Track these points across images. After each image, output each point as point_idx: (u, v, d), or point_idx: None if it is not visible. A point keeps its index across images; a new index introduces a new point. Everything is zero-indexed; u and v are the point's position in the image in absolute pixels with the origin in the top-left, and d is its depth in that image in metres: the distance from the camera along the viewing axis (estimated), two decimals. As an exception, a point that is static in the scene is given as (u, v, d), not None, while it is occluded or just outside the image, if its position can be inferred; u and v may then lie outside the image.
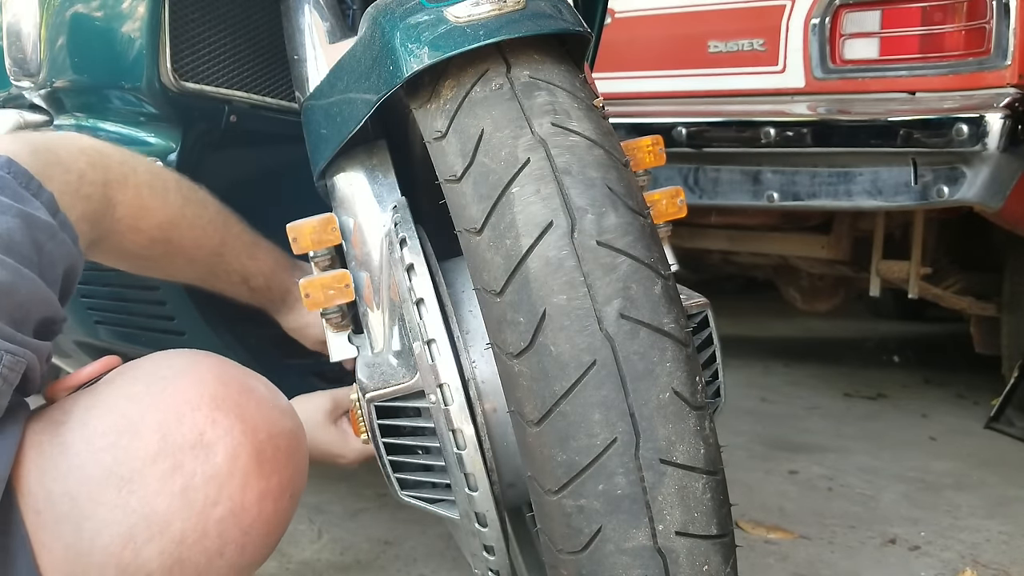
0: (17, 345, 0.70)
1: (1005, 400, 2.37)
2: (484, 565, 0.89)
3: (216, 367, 0.75)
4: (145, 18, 1.09)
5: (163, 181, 1.01)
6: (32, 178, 0.79)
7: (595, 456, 0.69)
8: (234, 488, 0.71)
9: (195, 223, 1.04)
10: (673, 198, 0.98)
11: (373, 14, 0.86)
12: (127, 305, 1.29)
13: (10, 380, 0.69)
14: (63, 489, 0.70)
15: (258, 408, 0.74)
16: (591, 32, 0.89)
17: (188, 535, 0.70)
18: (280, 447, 0.75)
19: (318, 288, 0.93)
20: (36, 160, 0.82)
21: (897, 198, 2.02)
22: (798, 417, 2.49)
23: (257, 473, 0.72)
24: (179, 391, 0.72)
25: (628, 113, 2.42)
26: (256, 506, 0.72)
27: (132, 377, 0.75)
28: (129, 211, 0.96)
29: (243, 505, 0.72)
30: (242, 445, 0.72)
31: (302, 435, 0.80)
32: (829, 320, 3.61)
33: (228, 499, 0.71)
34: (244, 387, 0.75)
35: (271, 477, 0.73)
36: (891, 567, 1.57)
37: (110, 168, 0.93)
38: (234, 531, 0.72)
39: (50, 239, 0.77)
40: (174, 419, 0.71)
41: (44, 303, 0.75)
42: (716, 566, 0.70)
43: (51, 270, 0.77)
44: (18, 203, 0.75)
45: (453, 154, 0.78)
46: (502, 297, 0.73)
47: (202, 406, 0.71)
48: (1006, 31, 1.95)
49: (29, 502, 0.70)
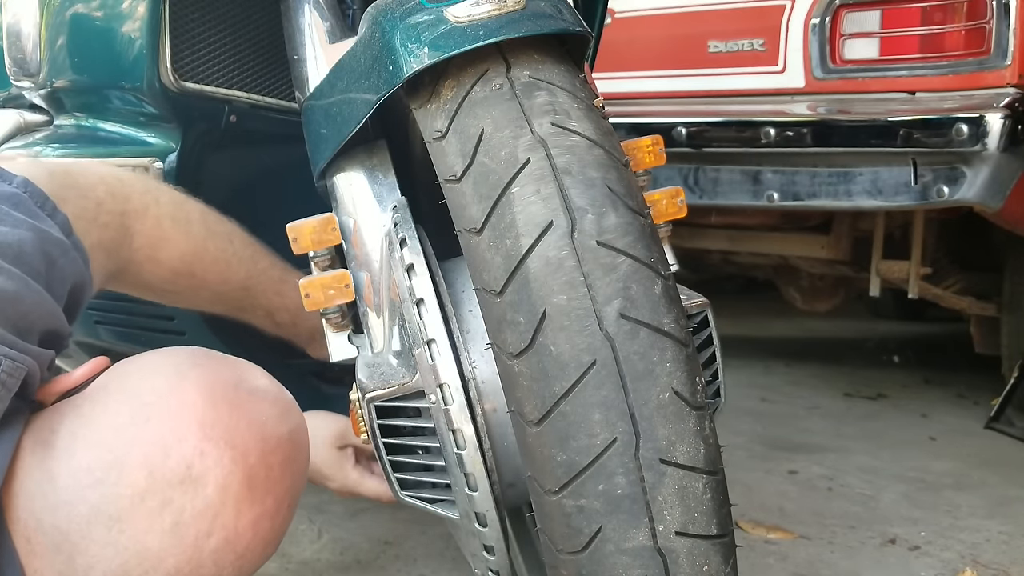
0: (18, 352, 0.69)
1: (1005, 400, 2.37)
2: (484, 565, 0.89)
3: (205, 380, 0.72)
4: (145, 18, 1.09)
5: (186, 212, 1.00)
6: (47, 199, 0.79)
7: (595, 456, 0.69)
8: (227, 518, 0.70)
9: (219, 256, 1.02)
10: (673, 198, 0.98)
11: (373, 14, 0.86)
12: (127, 305, 1.29)
13: (9, 386, 0.69)
14: (53, 522, 0.68)
15: (249, 427, 0.72)
16: (591, 32, 0.89)
17: (183, 568, 0.69)
18: (274, 464, 0.73)
19: (318, 288, 0.93)
20: (52, 182, 0.82)
21: (897, 198, 2.01)
22: (798, 417, 2.49)
23: (250, 499, 0.71)
24: (164, 420, 0.69)
25: (628, 113, 2.42)
26: (251, 530, 0.71)
27: (118, 400, 0.72)
28: (148, 241, 0.95)
29: (237, 533, 0.70)
30: (233, 474, 0.70)
31: (301, 436, 0.79)
32: (829, 320, 3.61)
33: (221, 529, 0.70)
34: (235, 403, 0.72)
35: (265, 499, 0.72)
36: (891, 567, 1.57)
37: (130, 198, 0.92)
38: (230, 557, 0.71)
39: (62, 255, 0.77)
40: (160, 453, 0.68)
41: (50, 315, 0.74)
42: (716, 566, 0.70)
43: (59, 285, 0.76)
44: (32, 219, 0.75)
45: (453, 154, 0.78)
46: (502, 297, 0.73)
47: (189, 436, 0.69)
48: (1006, 31, 1.95)
49: (19, 528, 0.69)
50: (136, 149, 1.19)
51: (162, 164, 1.17)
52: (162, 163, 1.17)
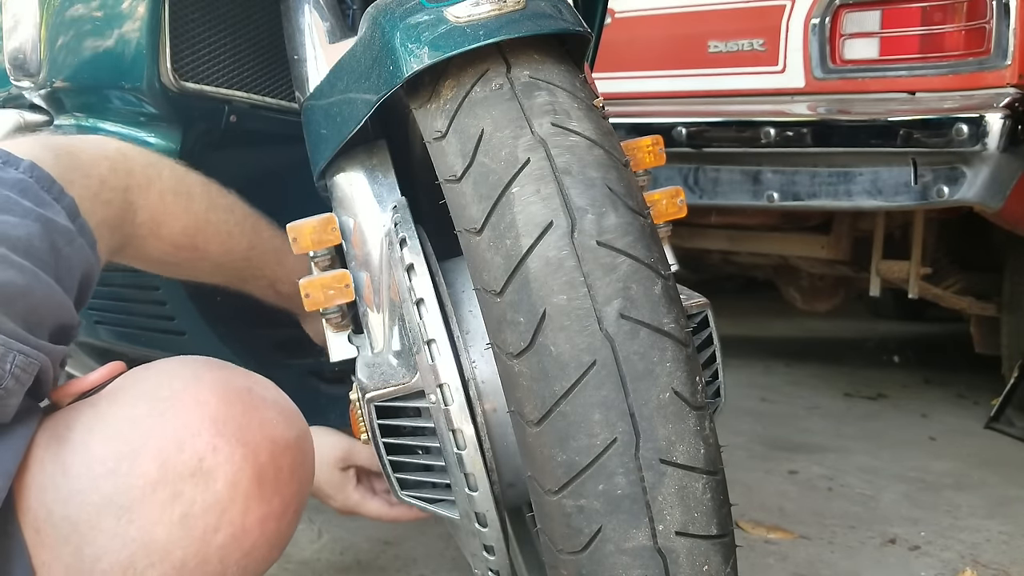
0: (31, 347, 0.70)
1: (1005, 400, 2.37)
2: (484, 565, 0.89)
3: (220, 383, 0.74)
4: (145, 18, 1.09)
5: (188, 186, 1.00)
6: (54, 183, 0.79)
7: (595, 456, 0.69)
8: (235, 514, 0.70)
9: (221, 228, 1.03)
10: (673, 198, 0.98)
11: (373, 14, 0.86)
12: (127, 305, 1.29)
13: (22, 381, 0.69)
14: (63, 513, 0.69)
15: (261, 428, 0.73)
16: (591, 32, 0.89)
17: (189, 562, 0.69)
18: (283, 466, 0.74)
19: (318, 288, 0.93)
20: (58, 164, 0.82)
21: (897, 198, 2.01)
22: (798, 417, 2.49)
23: (259, 497, 0.72)
24: (180, 415, 0.71)
25: (628, 113, 2.42)
26: (258, 528, 0.72)
27: (134, 395, 0.74)
28: (151, 216, 0.95)
29: (244, 529, 0.71)
30: (243, 471, 0.71)
31: (308, 445, 0.79)
32: (829, 320, 3.61)
33: (229, 525, 0.70)
34: (248, 405, 0.74)
35: (272, 499, 0.73)
36: (891, 567, 1.57)
37: (132, 172, 0.92)
38: (236, 554, 0.71)
39: (68, 244, 0.77)
40: (174, 446, 0.70)
41: (60, 308, 0.75)
42: (716, 566, 0.70)
43: (68, 276, 0.76)
44: (39, 207, 0.75)
45: (453, 154, 0.78)
46: (502, 297, 0.73)
47: (202, 431, 0.70)
48: (1006, 31, 1.95)
49: (28, 519, 0.70)
50: (136, 149, 1.19)
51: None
52: None
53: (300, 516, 0.78)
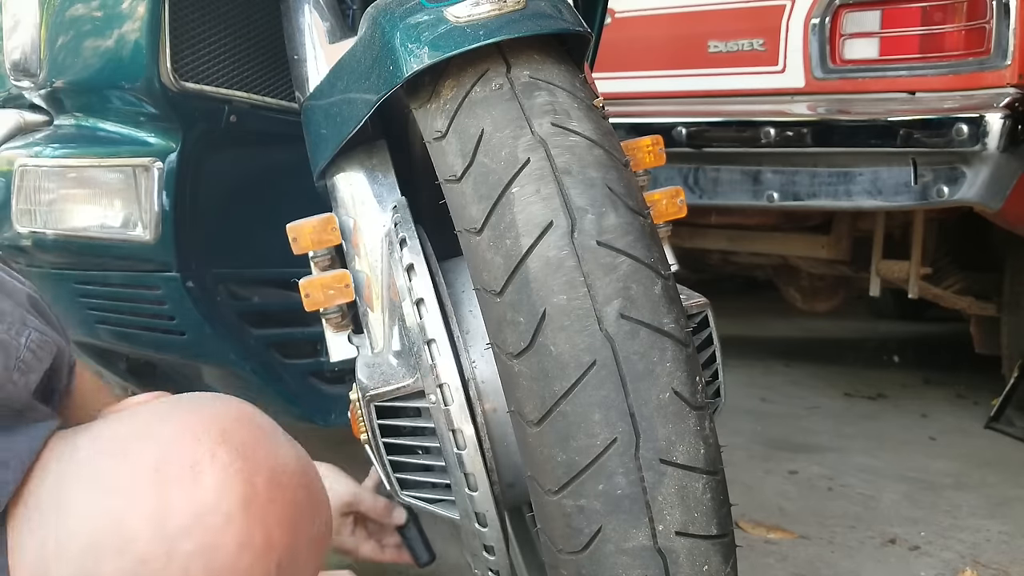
0: (46, 327, 0.71)
1: (1005, 400, 2.37)
2: (484, 565, 0.89)
3: (246, 411, 0.73)
4: (145, 18, 1.09)
5: None
6: None
7: (595, 456, 0.69)
8: (213, 523, 0.66)
9: None
10: (673, 198, 0.98)
11: (373, 14, 0.86)
12: (127, 305, 1.29)
13: (40, 358, 0.69)
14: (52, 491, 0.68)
15: (268, 454, 0.71)
16: (591, 32, 0.89)
17: (151, 559, 0.66)
18: (277, 500, 0.70)
19: (318, 288, 0.93)
20: None
21: (897, 198, 2.02)
22: (798, 417, 2.49)
23: (243, 517, 0.67)
24: (194, 420, 0.71)
25: (628, 113, 2.42)
26: (233, 553, 0.67)
27: (166, 399, 0.75)
28: None
29: (216, 545, 0.66)
30: (234, 483, 0.67)
31: (318, 512, 0.75)
32: (829, 320, 3.61)
33: (203, 533, 0.66)
34: (265, 433, 0.72)
35: (255, 530, 0.68)
36: (891, 567, 1.57)
37: None
38: (200, 571, 0.66)
39: None
40: (175, 444, 0.69)
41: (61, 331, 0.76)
42: (716, 566, 0.70)
43: None
44: None
45: (453, 154, 0.78)
46: (502, 297, 0.73)
47: (207, 439, 0.69)
48: (1006, 31, 1.95)
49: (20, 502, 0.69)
50: (136, 149, 1.19)
51: (162, 164, 1.17)
52: (162, 163, 1.17)
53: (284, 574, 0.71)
